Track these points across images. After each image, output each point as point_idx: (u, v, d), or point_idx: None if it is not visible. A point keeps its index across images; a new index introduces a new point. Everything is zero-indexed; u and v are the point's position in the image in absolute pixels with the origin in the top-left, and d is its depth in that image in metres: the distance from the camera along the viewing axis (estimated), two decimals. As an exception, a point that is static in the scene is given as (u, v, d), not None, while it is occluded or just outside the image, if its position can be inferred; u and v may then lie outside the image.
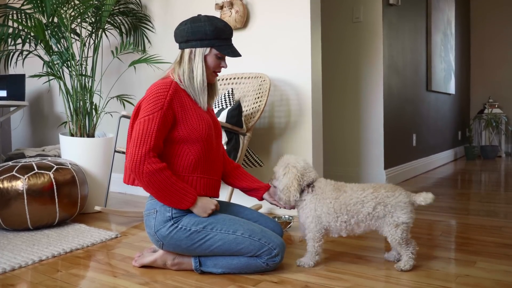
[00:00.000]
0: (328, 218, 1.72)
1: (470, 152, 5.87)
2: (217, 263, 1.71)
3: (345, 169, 3.89)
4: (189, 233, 1.66)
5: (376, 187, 1.71)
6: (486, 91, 6.54)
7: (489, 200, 3.13)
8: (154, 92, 1.66)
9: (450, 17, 5.53)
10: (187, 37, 1.71)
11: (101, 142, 2.89)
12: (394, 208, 1.67)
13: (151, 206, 1.72)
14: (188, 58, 1.73)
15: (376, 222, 1.69)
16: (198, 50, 1.72)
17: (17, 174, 2.37)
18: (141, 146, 1.60)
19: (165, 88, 1.67)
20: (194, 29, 1.70)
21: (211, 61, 1.74)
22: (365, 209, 1.68)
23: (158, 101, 1.64)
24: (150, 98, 1.65)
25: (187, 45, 1.73)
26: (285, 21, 2.76)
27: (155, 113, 1.63)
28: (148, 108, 1.64)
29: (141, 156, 1.59)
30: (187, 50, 1.73)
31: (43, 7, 2.85)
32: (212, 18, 1.73)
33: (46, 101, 4.24)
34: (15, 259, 1.90)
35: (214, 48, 1.72)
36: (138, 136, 1.61)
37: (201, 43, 1.71)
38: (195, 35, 1.70)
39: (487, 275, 1.65)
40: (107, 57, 3.40)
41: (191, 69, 1.72)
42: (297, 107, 2.75)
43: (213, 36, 1.70)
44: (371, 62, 3.73)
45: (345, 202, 1.70)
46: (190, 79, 1.73)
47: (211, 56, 1.74)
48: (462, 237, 2.21)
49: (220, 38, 1.72)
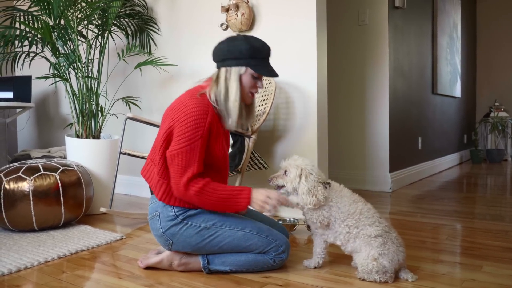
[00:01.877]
0: (338, 215, 1.67)
1: (476, 156, 5.84)
2: (225, 260, 1.73)
3: (351, 172, 3.88)
4: (199, 230, 1.69)
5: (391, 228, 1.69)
6: (492, 94, 6.51)
7: (495, 204, 3.11)
8: (193, 117, 1.63)
9: (456, 20, 5.51)
10: (223, 56, 1.70)
11: (106, 143, 2.90)
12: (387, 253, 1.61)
13: (153, 209, 1.76)
14: (224, 77, 1.70)
15: (364, 247, 1.64)
16: (234, 69, 1.69)
17: (23, 175, 2.38)
18: (183, 176, 1.63)
19: (204, 114, 1.64)
20: (230, 48, 1.68)
21: (246, 81, 1.71)
22: (371, 229, 1.63)
23: (198, 130, 1.63)
24: (189, 125, 1.62)
25: (223, 64, 1.71)
26: (290, 24, 2.76)
27: (196, 142, 1.63)
28: (187, 136, 1.62)
29: (185, 185, 1.63)
30: (223, 69, 1.71)
31: (50, 9, 2.87)
32: (249, 38, 1.71)
33: (52, 103, 4.26)
34: (20, 260, 1.91)
35: (250, 67, 1.69)
36: (180, 166, 1.63)
37: (237, 62, 1.69)
38: (231, 54, 1.68)
39: (493, 280, 1.64)
40: (113, 59, 3.42)
41: (227, 89, 1.70)
42: (303, 110, 2.74)
43: (249, 55, 1.68)
44: (377, 65, 3.72)
45: (360, 210, 1.67)
46: (225, 99, 1.70)
47: (246, 76, 1.71)
48: (468, 241, 2.20)
49: (256, 58, 1.70)
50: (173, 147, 1.64)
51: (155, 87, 3.47)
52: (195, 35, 3.22)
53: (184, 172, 1.62)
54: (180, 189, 1.64)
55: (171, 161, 1.65)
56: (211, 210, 1.70)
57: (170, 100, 3.34)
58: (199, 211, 1.73)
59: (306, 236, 2.31)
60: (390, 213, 2.85)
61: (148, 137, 3.51)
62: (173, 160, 1.64)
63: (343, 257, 1.94)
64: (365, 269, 1.61)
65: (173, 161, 1.64)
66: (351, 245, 1.68)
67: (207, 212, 1.73)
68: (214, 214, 1.74)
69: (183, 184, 1.62)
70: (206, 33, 3.15)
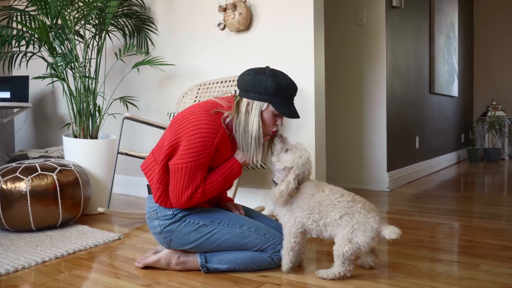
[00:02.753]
0: (302, 214, 1.68)
1: (473, 155, 5.86)
2: (223, 258, 1.73)
3: (348, 172, 3.88)
4: (197, 226, 1.70)
5: (356, 199, 1.66)
6: (489, 94, 6.53)
7: (493, 203, 3.12)
8: (203, 136, 1.62)
9: (454, 19, 5.52)
10: (247, 87, 1.68)
11: (104, 143, 2.90)
12: (358, 225, 1.60)
13: (150, 209, 1.77)
14: (245, 109, 1.68)
15: (338, 229, 1.63)
16: (256, 103, 1.67)
17: (21, 175, 2.37)
18: (185, 191, 1.64)
19: (214, 133, 1.63)
20: (255, 81, 1.66)
21: (267, 117, 1.70)
22: (333, 214, 1.63)
23: (206, 149, 1.62)
24: (198, 141, 1.61)
25: (246, 95, 1.69)
26: (288, 24, 2.77)
27: (201, 159, 1.63)
28: (193, 153, 1.62)
29: (186, 200, 1.65)
30: (245, 101, 1.69)
31: (47, 9, 2.87)
32: (278, 74, 1.68)
33: (49, 103, 4.25)
34: (18, 260, 1.90)
35: (272, 105, 1.68)
36: (183, 181, 1.64)
37: (259, 97, 1.67)
38: (254, 88, 1.66)
39: (490, 278, 1.65)
40: (110, 59, 3.41)
41: (247, 122, 1.68)
42: (300, 109, 2.74)
43: (273, 93, 1.66)
44: (374, 65, 3.73)
45: (319, 201, 1.66)
46: (245, 132, 1.69)
47: (267, 112, 1.69)
48: (465, 240, 2.20)
49: (280, 96, 1.68)
50: (178, 161, 1.63)
51: (153, 87, 3.46)
52: (193, 34, 3.22)
53: (186, 187, 1.64)
54: (181, 203, 1.66)
55: (174, 173, 1.65)
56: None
57: (167, 100, 3.36)
58: (198, 209, 1.74)
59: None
60: (388, 212, 2.86)
61: (145, 137, 3.51)
62: (176, 174, 1.64)
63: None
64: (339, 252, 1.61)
65: (176, 175, 1.64)
66: (326, 234, 1.69)
67: (205, 209, 1.75)
68: (212, 211, 1.75)
69: (184, 200, 1.65)
70: (204, 32, 3.15)
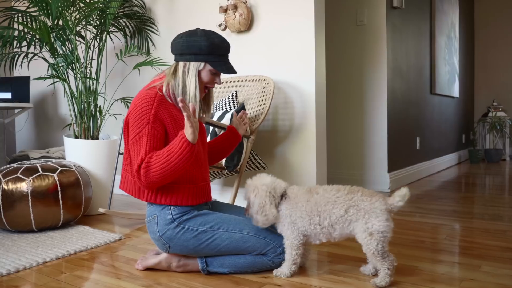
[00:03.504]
0: (302, 223, 1.65)
1: (474, 156, 5.85)
2: (224, 262, 1.72)
3: (349, 172, 3.88)
4: (196, 233, 1.69)
5: (353, 190, 1.63)
6: (490, 94, 6.52)
7: (494, 204, 3.11)
8: (139, 107, 1.65)
9: (454, 20, 5.52)
10: (182, 50, 1.70)
11: (105, 144, 2.90)
12: (368, 214, 1.56)
13: (151, 213, 1.75)
14: (182, 71, 1.70)
15: (350, 226, 1.59)
16: (192, 64, 1.70)
17: (22, 176, 2.38)
18: (133, 166, 1.64)
19: (149, 101, 1.66)
20: (189, 43, 1.68)
21: (205, 76, 1.73)
22: (337, 210, 1.59)
23: (144, 117, 1.64)
24: (136, 114, 1.65)
25: (182, 58, 1.71)
26: (289, 24, 2.77)
27: (143, 129, 1.63)
28: (135, 126, 1.64)
29: (135, 175, 1.63)
30: (181, 63, 1.71)
31: (49, 10, 2.87)
32: (209, 33, 1.71)
33: (50, 103, 4.26)
34: (19, 261, 1.91)
35: (209, 63, 1.71)
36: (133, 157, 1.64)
37: (196, 57, 1.69)
38: (189, 49, 1.69)
39: (491, 279, 1.65)
40: (111, 59, 3.42)
41: (185, 83, 1.70)
42: (301, 110, 2.75)
43: (208, 51, 1.68)
44: (375, 65, 3.73)
45: (316, 203, 1.63)
46: (183, 93, 1.70)
47: (205, 71, 1.72)
48: (467, 241, 2.20)
49: (216, 54, 1.70)
50: (129, 140, 1.67)
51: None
52: (194, 35, 3.21)
53: (134, 162, 1.63)
54: (136, 179, 1.63)
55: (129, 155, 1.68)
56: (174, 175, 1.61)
57: (168, 101, 3.35)
58: (196, 213, 1.72)
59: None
60: (389, 213, 2.86)
61: (146, 137, 3.50)
62: (129, 153, 1.66)
63: (342, 257, 1.95)
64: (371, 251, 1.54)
65: (129, 154, 1.67)
66: (336, 234, 1.64)
67: (204, 215, 1.73)
68: (212, 216, 1.73)
69: (135, 174, 1.62)
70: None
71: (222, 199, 2.99)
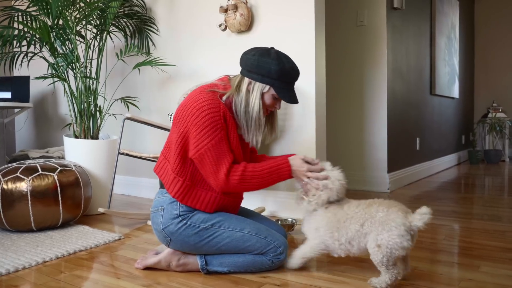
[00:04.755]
0: (325, 234, 1.65)
1: (473, 156, 5.86)
2: (223, 261, 1.73)
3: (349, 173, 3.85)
4: (197, 230, 1.69)
5: (373, 203, 1.61)
6: (490, 95, 6.52)
7: (493, 205, 3.11)
8: (207, 112, 1.61)
9: (454, 21, 5.52)
10: (251, 68, 1.68)
11: (105, 144, 2.90)
12: (382, 226, 1.52)
13: (158, 204, 1.75)
14: (246, 89, 1.69)
15: (365, 239, 1.57)
16: (258, 84, 1.68)
17: (21, 176, 2.38)
18: (219, 171, 1.63)
19: (216, 107, 1.63)
20: (260, 63, 1.66)
21: (267, 99, 1.71)
22: (353, 226, 1.58)
23: (217, 123, 1.62)
24: (205, 120, 1.61)
25: (248, 75, 1.70)
26: (289, 25, 2.77)
27: (218, 135, 1.62)
28: (207, 132, 1.61)
29: (224, 179, 1.63)
30: (246, 80, 1.70)
31: (49, 9, 2.87)
32: (282, 57, 1.69)
33: (50, 103, 4.26)
34: (18, 260, 1.91)
35: (274, 88, 1.69)
36: (213, 163, 1.63)
37: (262, 79, 1.68)
38: (259, 69, 1.67)
39: (490, 279, 1.65)
40: (111, 59, 3.42)
41: (247, 103, 1.69)
42: (301, 111, 2.75)
43: (277, 76, 1.66)
44: (375, 66, 3.73)
45: (338, 219, 1.63)
46: (246, 112, 1.69)
47: (268, 95, 1.70)
48: (466, 241, 2.20)
49: (283, 80, 1.68)
50: (197, 148, 1.63)
51: (154, 88, 3.47)
52: (194, 35, 3.22)
53: (219, 167, 1.63)
54: (221, 185, 1.64)
55: (200, 161, 1.64)
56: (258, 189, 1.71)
57: (169, 101, 3.36)
58: (199, 210, 1.73)
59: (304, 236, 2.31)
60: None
61: (146, 137, 3.51)
62: (203, 160, 1.63)
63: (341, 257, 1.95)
64: (376, 262, 1.54)
65: (203, 161, 1.63)
66: (355, 250, 1.63)
67: (206, 212, 1.73)
68: (214, 214, 1.73)
69: (222, 179, 1.63)
70: (205, 33, 3.15)
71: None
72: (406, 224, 1.51)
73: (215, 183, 1.65)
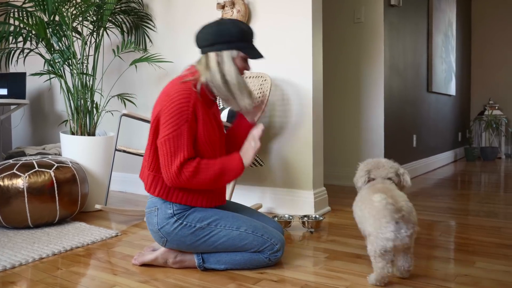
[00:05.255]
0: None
1: (470, 154, 5.88)
2: (220, 259, 1.72)
3: (345, 170, 3.89)
4: (193, 230, 1.68)
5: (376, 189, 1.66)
6: (486, 93, 6.54)
7: (489, 201, 3.13)
8: (176, 103, 1.62)
9: (451, 18, 5.53)
10: (213, 40, 1.68)
11: (101, 140, 2.90)
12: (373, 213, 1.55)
13: (152, 204, 1.74)
14: (216, 62, 1.69)
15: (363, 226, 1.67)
16: (225, 53, 1.69)
17: (18, 172, 2.37)
18: (173, 163, 1.61)
19: (187, 97, 1.63)
20: (219, 32, 1.67)
21: (238, 64, 1.72)
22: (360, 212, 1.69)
23: (183, 114, 1.61)
24: (173, 110, 1.61)
25: (213, 49, 1.69)
26: (286, 21, 2.77)
27: (182, 126, 1.61)
28: (173, 122, 1.61)
29: (176, 171, 1.61)
30: (212, 54, 1.69)
31: (45, 5, 2.86)
32: (236, 21, 1.71)
33: (47, 100, 4.25)
34: (15, 257, 1.90)
35: (242, 51, 1.70)
36: (169, 154, 1.62)
37: (228, 45, 1.68)
38: (221, 38, 1.67)
39: (486, 275, 1.66)
40: (108, 55, 3.41)
41: (223, 73, 1.68)
42: (298, 107, 2.75)
43: (240, 38, 1.68)
44: (372, 63, 3.73)
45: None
46: (225, 82, 1.69)
47: (238, 59, 1.71)
48: (462, 237, 2.21)
49: (246, 40, 1.71)
50: (161, 135, 1.64)
51: (151, 84, 3.46)
52: (191, 32, 3.21)
53: (173, 159, 1.61)
54: (172, 177, 1.62)
55: (160, 149, 1.64)
56: (210, 188, 1.68)
57: (165, 97, 3.35)
58: (194, 209, 1.72)
59: (301, 232, 2.32)
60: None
61: (143, 134, 3.50)
62: (162, 148, 1.63)
63: (338, 253, 1.96)
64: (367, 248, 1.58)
65: (162, 150, 1.63)
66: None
67: (201, 210, 1.72)
68: (210, 213, 1.72)
69: (174, 171, 1.61)
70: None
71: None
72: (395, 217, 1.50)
73: (166, 175, 1.63)
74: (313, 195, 2.70)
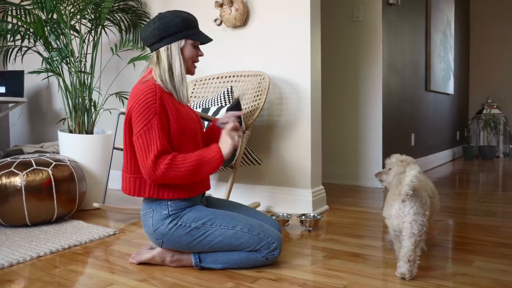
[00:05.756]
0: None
1: (468, 152, 5.88)
2: (217, 258, 1.72)
3: (344, 168, 3.89)
4: (189, 230, 1.68)
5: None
6: (484, 92, 6.55)
7: (487, 200, 3.13)
8: (142, 99, 1.63)
9: (450, 17, 5.53)
10: (160, 35, 1.70)
11: (99, 139, 2.89)
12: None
13: (147, 206, 1.74)
14: (166, 55, 1.71)
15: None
16: (173, 44, 1.71)
17: (16, 170, 2.37)
18: (147, 157, 1.61)
19: (152, 92, 1.64)
20: (164, 25, 1.69)
21: (188, 52, 1.74)
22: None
23: (150, 108, 1.62)
24: (141, 106, 1.63)
25: (161, 44, 1.71)
26: (285, 20, 2.76)
27: (151, 120, 1.62)
28: (142, 118, 1.62)
29: (151, 165, 1.60)
30: (162, 49, 1.72)
31: (43, 3, 2.85)
32: (176, 11, 1.73)
33: (45, 98, 4.24)
34: (13, 255, 1.90)
35: (189, 38, 1.73)
36: (143, 149, 1.62)
37: (175, 36, 1.71)
38: (167, 31, 1.69)
39: (484, 274, 1.66)
40: (106, 54, 3.40)
41: (170, 65, 1.71)
42: (296, 106, 2.75)
43: (185, 26, 1.71)
44: (371, 62, 3.73)
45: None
46: (170, 76, 1.71)
47: (187, 47, 1.74)
48: (460, 236, 2.22)
49: (191, 27, 1.73)
50: (134, 133, 1.65)
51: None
52: (189, 30, 3.20)
53: (147, 153, 1.61)
54: (149, 172, 1.61)
55: (136, 148, 1.65)
56: (191, 180, 1.66)
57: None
58: (189, 209, 1.71)
59: (299, 231, 2.32)
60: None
61: (141, 132, 3.49)
62: (137, 146, 1.64)
63: (336, 252, 1.96)
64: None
65: (137, 146, 1.64)
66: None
67: (197, 210, 1.71)
68: (205, 212, 1.71)
69: (150, 165, 1.60)
70: (200, 28, 3.14)
71: (217, 195, 2.99)
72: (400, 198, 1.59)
73: (144, 171, 1.62)
74: (311, 193, 2.70)
